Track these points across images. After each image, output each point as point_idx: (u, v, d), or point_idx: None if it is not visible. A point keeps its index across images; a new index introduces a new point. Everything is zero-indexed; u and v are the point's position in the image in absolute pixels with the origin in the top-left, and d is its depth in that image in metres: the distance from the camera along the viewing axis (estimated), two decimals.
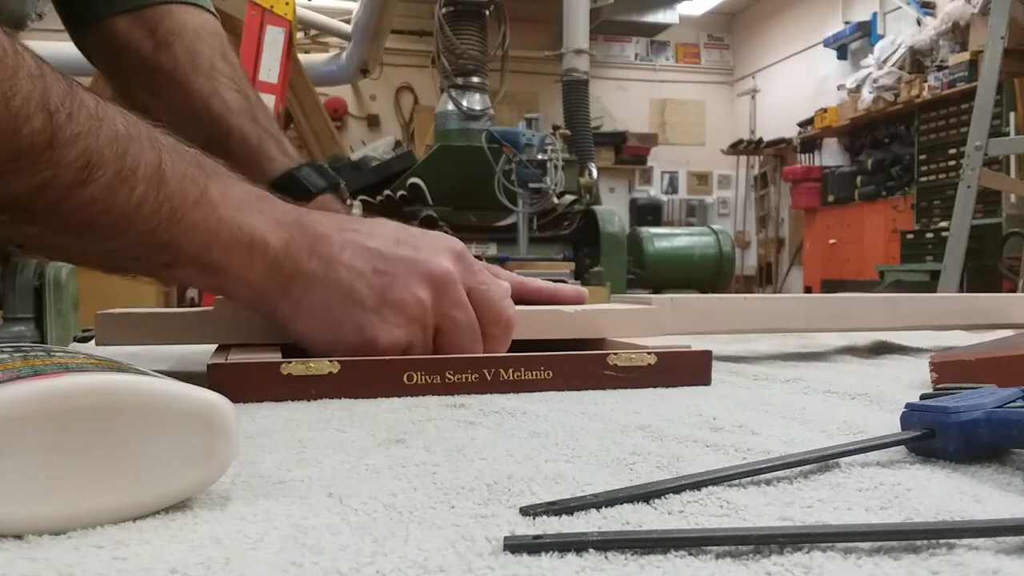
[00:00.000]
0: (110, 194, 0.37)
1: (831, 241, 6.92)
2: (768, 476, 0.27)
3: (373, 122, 7.34)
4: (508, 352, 0.46)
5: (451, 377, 0.43)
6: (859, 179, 6.65)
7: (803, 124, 7.43)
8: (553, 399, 0.42)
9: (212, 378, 0.40)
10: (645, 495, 0.25)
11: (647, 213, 7.65)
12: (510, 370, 0.44)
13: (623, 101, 8.31)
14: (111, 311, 0.48)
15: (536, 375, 0.45)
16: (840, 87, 6.95)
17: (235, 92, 0.68)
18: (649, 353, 0.46)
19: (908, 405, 0.31)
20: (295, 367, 0.41)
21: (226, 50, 0.70)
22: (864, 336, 0.73)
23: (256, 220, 0.42)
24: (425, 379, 0.43)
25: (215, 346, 0.49)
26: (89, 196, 0.37)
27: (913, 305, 0.66)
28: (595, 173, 3.16)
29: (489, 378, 0.44)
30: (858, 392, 0.45)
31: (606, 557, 0.20)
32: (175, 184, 0.40)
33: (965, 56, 5.38)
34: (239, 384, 0.40)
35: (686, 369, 0.47)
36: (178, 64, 0.67)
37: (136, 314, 0.48)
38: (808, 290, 6.90)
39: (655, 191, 8.31)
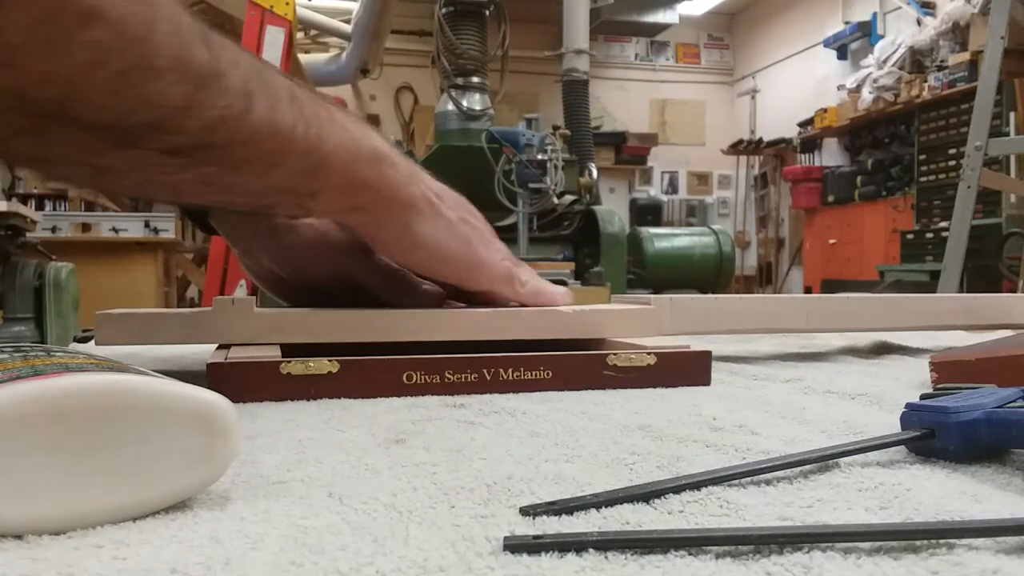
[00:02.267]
0: (272, 116, 0.38)
1: (831, 241, 6.92)
2: (768, 476, 0.27)
3: (373, 122, 7.31)
4: (507, 351, 0.46)
5: (451, 377, 0.43)
6: (859, 179, 6.65)
7: (803, 124, 7.43)
8: (553, 399, 0.42)
9: (211, 377, 0.40)
10: (645, 495, 0.25)
11: (647, 213, 7.65)
12: (510, 370, 0.44)
13: (623, 101, 8.31)
14: (111, 311, 0.47)
15: (536, 375, 0.45)
16: (840, 87, 6.95)
17: None
18: (649, 353, 0.46)
19: (908, 405, 0.31)
20: (295, 366, 0.41)
21: None
22: (864, 336, 0.73)
23: (375, 139, 0.44)
24: (425, 379, 0.43)
25: (215, 346, 0.49)
26: (256, 123, 0.37)
27: (913, 305, 0.66)
28: (595, 173, 3.16)
29: (489, 378, 0.44)
30: (858, 392, 0.45)
31: (606, 557, 0.20)
32: (310, 106, 0.40)
33: (965, 56, 5.38)
34: (238, 383, 0.40)
35: (686, 369, 0.47)
36: None
37: (136, 314, 0.47)
38: (808, 290, 6.90)
39: (655, 191, 8.32)
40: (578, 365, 0.45)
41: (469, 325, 0.48)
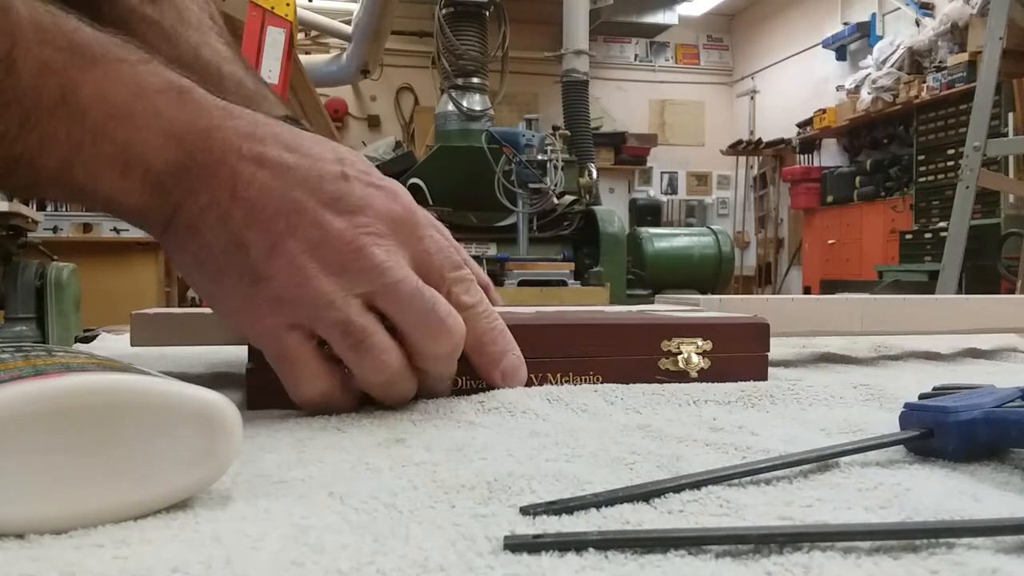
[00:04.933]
0: None
1: (830, 241, 6.93)
2: (767, 475, 0.27)
3: (373, 123, 7.35)
4: (556, 357, 0.43)
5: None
6: (858, 179, 6.65)
7: (802, 125, 7.43)
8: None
9: (250, 383, 0.38)
10: (645, 494, 0.25)
11: (647, 213, 7.65)
12: (559, 375, 0.42)
13: (623, 102, 8.31)
14: (146, 311, 0.45)
15: (586, 379, 0.43)
16: (839, 88, 6.95)
17: (225, 45, 0.65)
18: (703, 356, 0.45)
19: (907, 405, 0.31)
20: None
21: (214, 13, 0.68)
22: (863, 336, 0.73)
23: (140, 131, 0.33)
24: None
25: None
26: None
27: (914, 307, 0.66)
28: (595, 173, 3.16)
29: (537, 384, 0.42)
30: (858, 392, 0.45)
31: (606, 556, 0.20)
32: (29, 78, 0.31)
33: (964, 57, 5.39)
34: (279, 390, 0.36)
35: (741, 372, 0.46)
36: (165, 16, 0.64)
37: (171, 315, 0.46)
38: (807, 290, 6.90)
39: (655, 191, 8.32)
40: (629, 370, 0.43)
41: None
